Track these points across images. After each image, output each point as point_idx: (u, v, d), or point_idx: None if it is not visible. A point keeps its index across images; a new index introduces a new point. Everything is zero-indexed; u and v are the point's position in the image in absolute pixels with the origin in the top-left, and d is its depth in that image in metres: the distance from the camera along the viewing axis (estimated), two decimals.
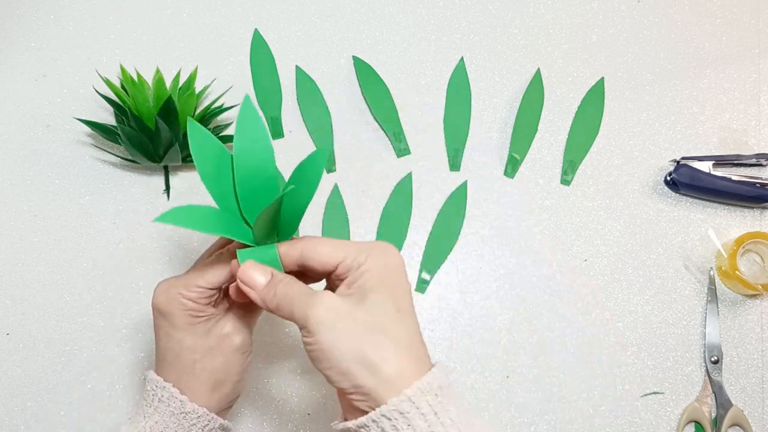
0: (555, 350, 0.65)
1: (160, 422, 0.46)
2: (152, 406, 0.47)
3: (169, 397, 0.46)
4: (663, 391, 0.64)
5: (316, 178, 0.44)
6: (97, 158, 0.68)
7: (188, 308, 0.46)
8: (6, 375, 0.63)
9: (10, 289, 0.65)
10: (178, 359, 0.47)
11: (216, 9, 0.72)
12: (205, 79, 0.68)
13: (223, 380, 0.48)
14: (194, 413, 0.46)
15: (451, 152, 0.69)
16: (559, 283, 0.66)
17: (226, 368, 0.47)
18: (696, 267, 0.67)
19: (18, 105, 0.69)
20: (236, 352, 0.48)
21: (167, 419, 0.46)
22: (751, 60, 0.71)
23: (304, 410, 0.63)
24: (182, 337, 0.46)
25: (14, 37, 0.70)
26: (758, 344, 0.66)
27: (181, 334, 0.46)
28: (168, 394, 0.46)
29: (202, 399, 0.47)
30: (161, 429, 0.46)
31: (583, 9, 0.73)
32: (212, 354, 0.47)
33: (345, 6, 0.72)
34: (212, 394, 0.47)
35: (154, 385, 0.47)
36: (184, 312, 0.46)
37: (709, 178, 0.66)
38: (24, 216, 0.66)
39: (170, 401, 0.46)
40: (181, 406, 0.46)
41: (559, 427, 0.63)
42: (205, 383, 0.47)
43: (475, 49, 0.71)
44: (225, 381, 0.48)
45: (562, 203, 0.68)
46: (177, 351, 0.47)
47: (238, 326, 0.48)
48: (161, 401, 0.46)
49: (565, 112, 0.70)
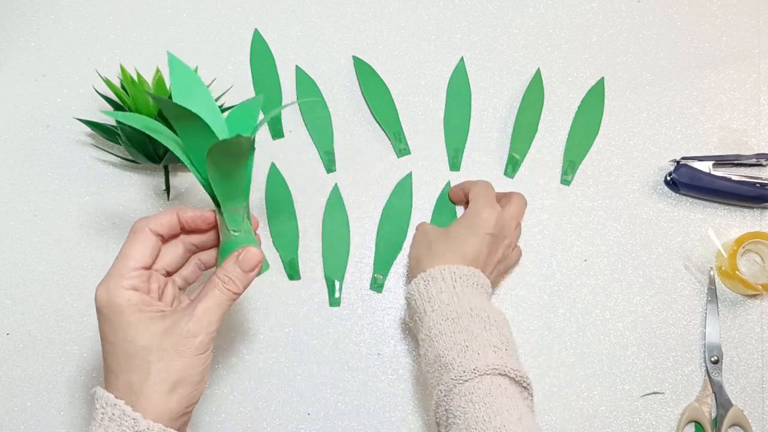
0: (555, 350, 0.65)
1: None
2: (102, 426, 0.43)
3: (120, 414, 0.42)
4: (663, 391, 0.64)
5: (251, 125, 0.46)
6: (97, 158, 0.68)
7: (134, 302, 0.44)
8: (6, 375, 0.63)
9: (10, 289, 0.65)
10: (130, 362, 0.43)
11: (216, 9, 0.72)
12: (205, 79, 0.68)
13: (183, 382, 0.44)
14: (150, 430, 0.42)
15: (451, 152, 0.69)
16: (559, 283, 0.66)
17: (185, 370, 0.44)
18: (696, 267, 0.67)
19: (18, 105, 0.69)
20: (196, 353, 0.44)
21: None
22: (751, 60, 0.71)
23: (304, 410, 0.63)
24: (134, 338, 0.43)
25: (14, 37, 0.70)
26: (758, 344, 0.66)
27: (132, 334, 0.43)
28: (119, 412, 0.42)
29: (159, 404, 0.43)
30: None
31: (583, 9, 0.73)
32: (170, 355, 0.43)
33: (345, 6, 0.72)
34: (170, 397, 0.43)
35: (104, 402, 0.43)
36: (131, 307, 0.44)
37: (709, 178, 0.66)
38: (24, 216, 0.66)
39: (122, 420, 0.42)
40: (134, 424, 0.42)
41: (559, 427, 0.63)
42: (161, 386, 0.43)
43: (475, 49, 0.71)
44: (184, 383, 0.44)
45: (562, 203, 0.68)
46: (129, 353, 0.43)
47: (200, 325, 0.44)
48: (111, 420, 0.42)
49: (565, 112, 0.70)
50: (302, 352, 0.64)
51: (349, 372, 0.64)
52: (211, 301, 0.45)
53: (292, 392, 0.63)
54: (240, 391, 0.63)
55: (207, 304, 0.45)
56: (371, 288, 0.66)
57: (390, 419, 0.63)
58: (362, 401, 0.63)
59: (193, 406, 0.46)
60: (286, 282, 0.66)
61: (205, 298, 0.45)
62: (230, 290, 0.46)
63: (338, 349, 0.65)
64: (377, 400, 0.63)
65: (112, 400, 0.43)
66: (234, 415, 0.63)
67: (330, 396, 0.63)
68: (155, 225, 0.46)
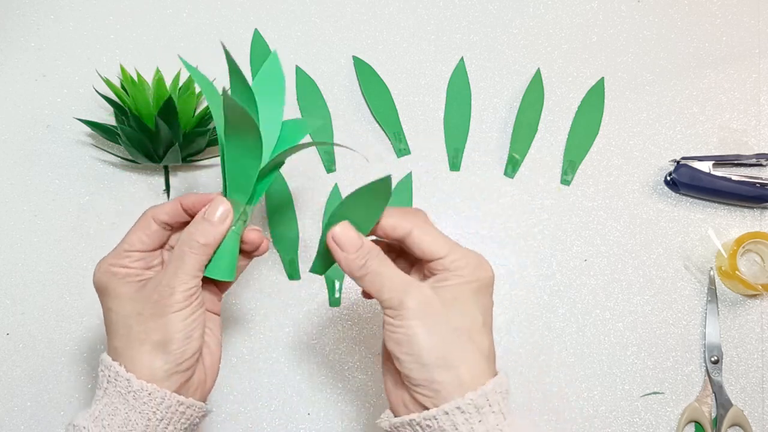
0: (555, 350, 0.65)
1: (110, 404, 0.43)
2: (102, 388, 0.44)
3: (115, 375, 0.43)
4: (663, 391, 0.64)
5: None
6: (97, 158, 0.68)
7: (122, 275, 0.45)
8: (6, 375, 0.63)
9: (10, 289, 0.65)
10: (116, 330, 0.45)
11: (216, 9, 0.72)
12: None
13: (166, 341, 0.43)
14: (143, 390, 0.43)
15: (451, 152, 0.69)
16: (559, 283, 0.66)
17: (165, 328, 0.43)
18: (696, 267, 0.67)
19: (18, 105, 0.69)
20: (172, 310, 0.43)
21: (116, 400, 0.43)
22: (751, 60, 0.71)
23: (304, 410, 0.63)
24: (117, 307, 0.45)
25: (14, 37, 0.70)
26: (758, 344, 0.66)
27: (117, 304, 0.45)
28: (114, 373, 0.43)
29: (145, 364, 0.43)
30: (111, 412, 0.43)
31: (583, 9, 0.73)
32: (146, 317, 0.44)
33: (345, 6, 0.72)
34: (153, 357, 0.43)
35: (103, 365, 0.45)
36: (118, 281, 0.45)
37: (709, 178, 0.66)
38: (24, 216, 0.66)
39: (117, 380, 0.43)
40: (128, 384, 0.43)
41: (559, 427, 0.63)
42: (142, 347, 0.43)
43: (475, 49, 0.71)
44: (168, 342, 0.43)
45: (562, 203, 0.68)
46: (114, 321, 0.45)
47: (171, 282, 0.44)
48: (109, 382, 0.44)
49: (565, 112, 0.70)
50: (302, 352, 0.64)
51: (349, 372, 0.64)
52: (177, 260, 0.44)
53: (292, 392, 0.63)
54: (240, 391, 0.63)
55: (175, 263, 0.44)
56: None
57: None
58: (362, 401, 0.63)
59: (187, 364, 0.44)
60: (286, 282, 0.66)
61: (172, 260, 0.45)
62: (197, 241, 0.44)
63: (338, 349, 0.65)
64: (377, 400, 0.63)
65: (109, 362, 0.44)
66: (234, 415, 0.63)
67: (330, 396, 0.63)
68: (157, 212, 0.47)
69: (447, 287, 0.43)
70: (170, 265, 0.45)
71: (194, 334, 0.44)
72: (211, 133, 0.64)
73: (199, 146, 0.64)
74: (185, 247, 0.45)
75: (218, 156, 0.68)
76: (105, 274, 0.46)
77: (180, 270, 0.44)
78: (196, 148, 0.64)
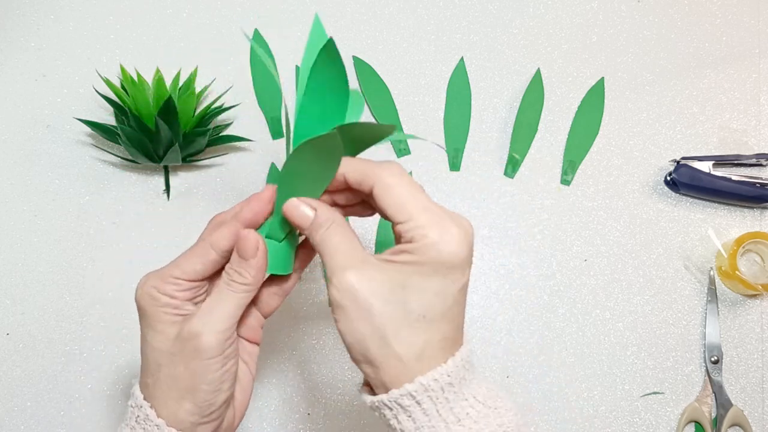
0: (555, 350, 0.65)
1: None
2: (129, 426, 0.41)
3: (145, 418, 0.40)
4: (663, 391, 0.64)
5: None
6: (97, 158, 0.68)
7: (162, 304, 0.40)
8: (6, 375, 0.63)
9: (10, 289, 0.65)
10: (148, 364, 0.41)
11: (216, 9, 0.72)
12: (205, 79, 0.68)
13: (192, 389, 0.40)
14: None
15: (451, 152, 0.69)
16: (559, 283, 0.66)
17: (193, 376, 0.39)
18: (696, 267, 0.67)
19: (18, 105, 0.69)
20: (203, 357, 0.39)
21: None
22: (751, 60, 0.71)
23: (304, 410, 0.63)
24: (152, 340, 0.41)
25: (14, 37, 0.70)
26: (758, 344, 0.66)
27: (151, 336, 0.41)
28: (144, 415, 0.40)
29: (172, 411, 0.40)
30: None
31: (583, 9, 0.73)
32: (176, 360, 0.40)
33: (345, 6, 0.72)
34: (179, 404, 0.40)
35: (134, 402, 0.41)
36: (158, 309, 0.40)
37: (709, 178, 0.66)
38: (24, 216, 0.66)
39: (146, 423, 0.40)
40: (158, 430, 0.40)
41: (559, 427, 0.63)
42: (170, 392, 0.40)
43: (475, 49, 0.71)
44: (194, 390, 0.40)
45: (562, 203, 0.68)
46: (147, 354, 0.41)
47: (203, 325, 0.39)
48: (137, 422, 0.41)
49: (565, 112, 0.70)
50: (302, 352, 0.64)
51: (349, 372, 0.64)
52: (215, 296, 0.40)
53: (292, 392, 0.63)
54: None
55: (211, 301, 0.40)
56: None
57: None
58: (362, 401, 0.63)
59: (216, 414, 0.41)
60: None
61: (210, 294, 0.41)
62: (234, 281, 0.40)
63: (338, 349, 0.65)
64: None
65: (140, 401, 0.41)
66: None
67: (330, 396, 0.63)
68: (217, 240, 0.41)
69: (396, 265, 0.37)
70: (207, 302, 0.41)
71: (224, 387, 0.41)
72: (211, 133, 0.64)
73: (199, 146, 0.64)
74: (224, 285, 0.41)
75: (218, 156, 0.68)
76: (145, 298, 0.41)
77: (216, 308, 0.40)
78: (196, 148, 0.64)
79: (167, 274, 0.41)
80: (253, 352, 0.46)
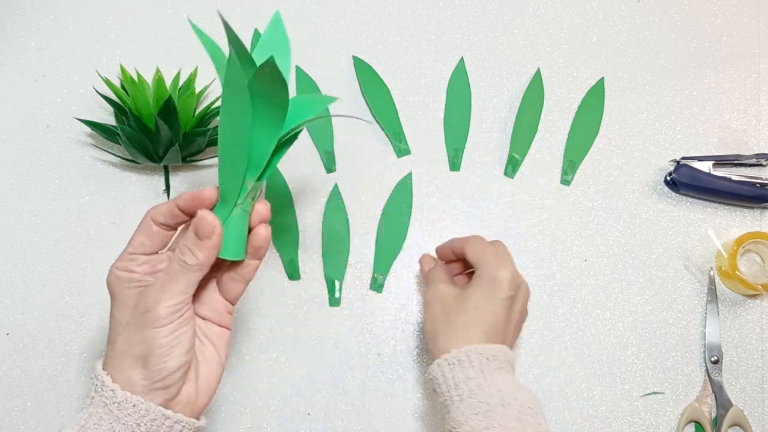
0: (555, 350, 0.65)
1: (95, 414, 0.42)
2: (89, 396, 0.43)
3: (101, 385, 0.43)
4: (663, 391, 0.64)
5: None
6: (97, 158, 0.68)
7: (125, 280, 0.44)
8: (6, 375, 0.63)
9: (10, 289, 0.65)
10: (110, 337, 0.44)
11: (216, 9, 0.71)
12: (205, 79, 0.68)
13: (147, 355, 0.42)
14: (127, 402, 0.42)
15: (451, 152, 0.69)
16: (559, 283, 0.66)
17: (146, 343, 0.42)
18: (696, 267, 0.67)
19: (18, 105, 0.69)
20: (154, 325, 0.42)
21: (100, 410, 0.42)
22: (751, 60, 0.71)
23: (304, 410, 0.63)
24: (114, 313, 0.44)
25: (14, 37, 0.70)
26: (758, 344, 0.66)
27: (114, 309, 0.44)
28: (101, 383, 0.43)
29: (128, 376, 0.43)
30: (96, 422, 0.42)
31: (583, 9, 0.73)
32: (131, 328, 0.43)
33: (345, 6, 0.72)
34: (134, 369, 0.43)
35: (93, 374, 0.44)
36: (122, 285, 0.44)
37: (709, 178, 0.66)
38: (24, 216, 0.66)
39: (103, 390, 0.43)
40: (113, 395, 0.42)
41: (559, 427, 0.63)
42: (124, 358, 0.43)
43: (475, 49, 0.71)
44: (149, 356, 0.42)
45: (562, 203, 0.68)
46: (112, 329, 0.44)
47: (156, 298, 0.43)
48: (96, 391, 0.43)
49: (565, 112, 0.70)
50: (302, 352, 0.64)
51: (349, 372, 0.64)
52: (168, 274, 0.43)
53: (292, 392, 0.63)
54: (240, 391, 0.63)
55: (165, 277, 0.43)
56: (371, 288, 0.66)
57: (390, 419, 0.63)
58: (362, 401, 0.63)
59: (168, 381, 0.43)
60: (286, 282, 0.66)
61: (165, 269, 0.44)
62: (185, 261, 0.43)
63: (338, 349, 0.65)
64: (377, 400, 0.63)
65: (99, 371, 0.44)
66: (234, 415, 0.63)
67: (330, 396, 0.63)
68: (155, 213, 0.46)
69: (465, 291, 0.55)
70: (161, 278, 0.44)
71: (175, 352, 0.43)
72: (211, 133, 0.64)
73: (199, 146, 0.64)
74: (176, 264, 0.43)
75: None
76: (112, 279, 0.45)
77: (168, 285, 0.43)
78: (196, 148, 0.64)
79: (125, 252, 0.45)
80: (222, 335, 0.49)
